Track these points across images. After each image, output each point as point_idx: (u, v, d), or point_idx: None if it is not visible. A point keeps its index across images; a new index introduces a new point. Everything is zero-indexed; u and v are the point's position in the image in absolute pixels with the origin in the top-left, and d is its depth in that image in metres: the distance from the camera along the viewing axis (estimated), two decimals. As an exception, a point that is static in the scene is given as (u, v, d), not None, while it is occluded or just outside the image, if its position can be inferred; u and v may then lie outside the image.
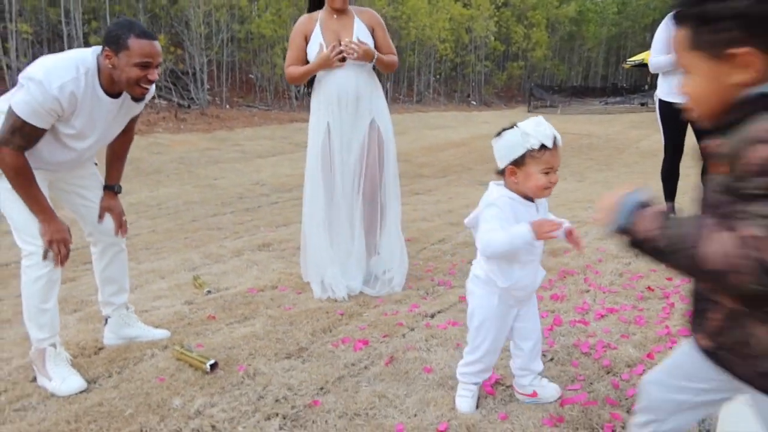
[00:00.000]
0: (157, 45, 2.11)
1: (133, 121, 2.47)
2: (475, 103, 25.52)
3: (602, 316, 2.49)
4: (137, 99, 2.26)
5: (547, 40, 29.72)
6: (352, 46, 2.91)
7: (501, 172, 1.76)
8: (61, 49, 13.11)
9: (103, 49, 2.10)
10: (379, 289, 3.11)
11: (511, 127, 1.75)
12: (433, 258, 3.78)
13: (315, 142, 3.14)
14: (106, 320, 2.65)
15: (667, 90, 4.11)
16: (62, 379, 2.20)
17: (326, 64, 2.94)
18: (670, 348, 2.18)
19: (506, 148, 1.72)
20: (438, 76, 25.14)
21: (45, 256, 2.18)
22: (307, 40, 3.05)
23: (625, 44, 40.74)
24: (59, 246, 2.17)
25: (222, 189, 7.87)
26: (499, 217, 1.70)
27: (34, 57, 13.34)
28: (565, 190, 6.95)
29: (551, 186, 1.69)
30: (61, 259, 2.21)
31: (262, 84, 17.42)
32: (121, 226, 2.54)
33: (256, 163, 9.61)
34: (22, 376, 2.36)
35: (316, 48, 3.01)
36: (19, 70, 12.11)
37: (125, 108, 2.30)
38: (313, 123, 3.15)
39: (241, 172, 9.07)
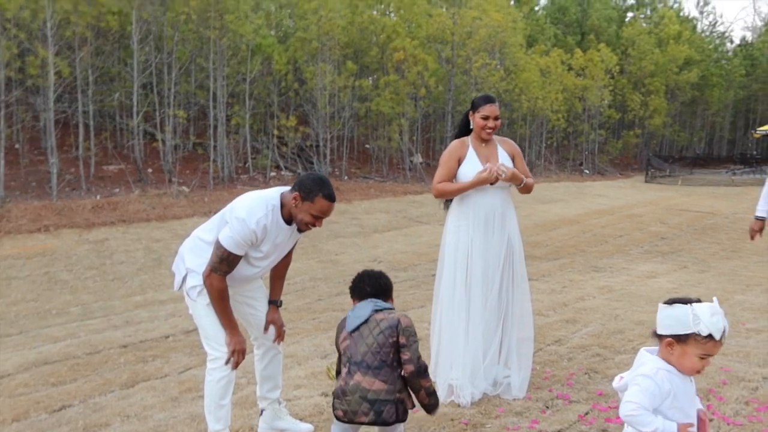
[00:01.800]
0: (333, 206, 2.61)
1: (293, 247, 2.96)
2: (588, 172, 25.08)
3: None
4: (299, 230, 2.76)
5: (666, 106, 28.81)
6: (503, 168, 3.27)
7: (658, 336, 1.83)
8: (207, 128, 14.74)
9: (293, 190, 2.61)
10: (501, 392, 3.33)
11: (685, 301, 1.79)
12: (549, 363, 3.92)
13: (456, 251, 3.40)
14: (262, 412, 3.06)
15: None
16: None
17: (482, 182, 3.29)
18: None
19: (674, 321, 1.77)
20: (549, 144, 25.08)
21: (227, 362, 2.65)
22: (459, 162, 3.42)
23: (755, 107, 38.44)
24: (239, 355, 2.65)
25: (343, 265, 8.42)
26: (653, 393, 1.75)
27: (184, 134, 15.10)
28: (687, 283, 6.76)
29: (703, 370, 1.80)
30: (237, 364, 2.68)
31: (378, 156, 18.37)
32: (280, 335, 2.99)
33: (373, 238, 10.16)
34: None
35: (471, 168, 3.38)
36: (175, 147, 13.81)
37: (295, 233, 2.79)
38: (453, 235, 3.43)
39: (359, 248, 9.62)
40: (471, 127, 3.47)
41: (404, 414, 2.22)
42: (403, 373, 2.22)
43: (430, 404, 2.30)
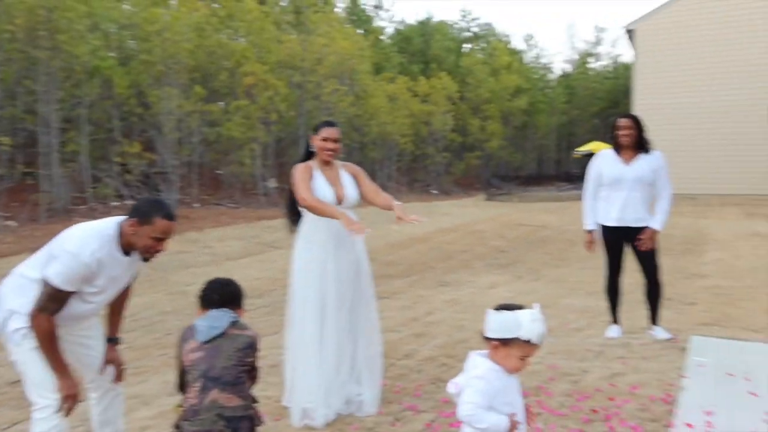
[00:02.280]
0: (175, 225, 2.53)
1: (132, 280, 2.81)
2: (435, 191, 26.50)
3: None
4: (145, 259, 2.63)
5: (501, 130, 31.45)
6: (368, 231, 3.22)
7: (486, 339, 1.99)
8: (37, 156, 13.41)
9: (129, 218, 2.49)
10: (354, 410, 3.42)
11: (511, 308, 1.98)
12: (400, 377, 4.09)
13: (307, 273, 3.44)
14: None
15: (604, 215, 4.67)
16: None
17: (346, 225, 3.17)
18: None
19: (500, 326, 1.95)
20: (399, 166, 26.20)
21: (59, 409, 2.44)
22: (310, 180, 3.49)
23: (575, 131, 43.27)
24: (72, 400, 2.45)
25: (193, 297, 8.03)
26: (487, 392, 1.92)
27: (10, 162, 13.61)
28: (522, 292, 7.41)
29: (523, 368, 2.01)
30: (70, 410, 2.48)
31: (230, 181, 17.94)
32: (119, 375, 2.82)
33: (226, 266, 9.86)
34: None
35: (320, 191, 3.44)
36: (1, 178, 12.35)
37: (133, 265, 2.66)
38: (304, 257, 3.47)
39: (212, 277, 9.27)
40: (313, 149, 3.57)
41: (255, 428, 2.22)
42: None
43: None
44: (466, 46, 39.84)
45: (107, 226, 2.52)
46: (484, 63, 32.96)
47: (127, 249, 2.55)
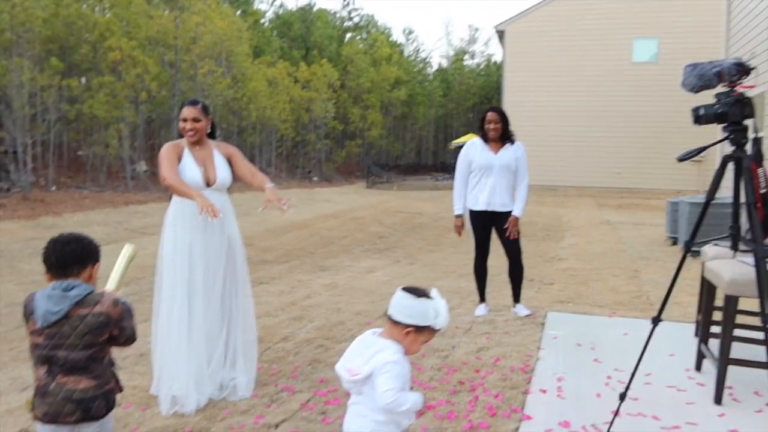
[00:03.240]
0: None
1: None
2: (316, 178, 26.42)
3: (421, 413, 2.95)
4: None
5: (382, 120, 31.98)
6: (220, 215, 3.15)
7: (393, 322, 1.95)
8: None
9: None
10: (228, 395, 3.33)
11: (419, 293, 1.97)
12: (277, 359, 4.05)
13: (174, 257, 3.31)
14: None
15: (473, 200, 4.93)
16: None
17: (201, 205, 3.07)
18: (471, 439, 2.68)
19: (417, 313, 1.93)
20: (280, 152, 25.78)
21: None
22: (179, 159, 3.33)
23: (451, 123, 45.07)
24: None
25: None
26: (404, 376, 1.91)
27: None
28: (399, 274, 7.63)
29: (418, 352, 2.05)
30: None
31: (94, 164, 16.64)
32: None
33: (88, 253, 9.18)
34: None
35: (189, 171, 3.31)
36: None
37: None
38: (171, 240, 3.34)
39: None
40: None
41: (113, 403, 2.07)
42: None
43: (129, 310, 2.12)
44: (348, 35, 39.97)
45: None
46: (365, 53, 33.26)
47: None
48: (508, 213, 4.87)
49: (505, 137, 4.90)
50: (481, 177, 4.89)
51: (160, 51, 18.32)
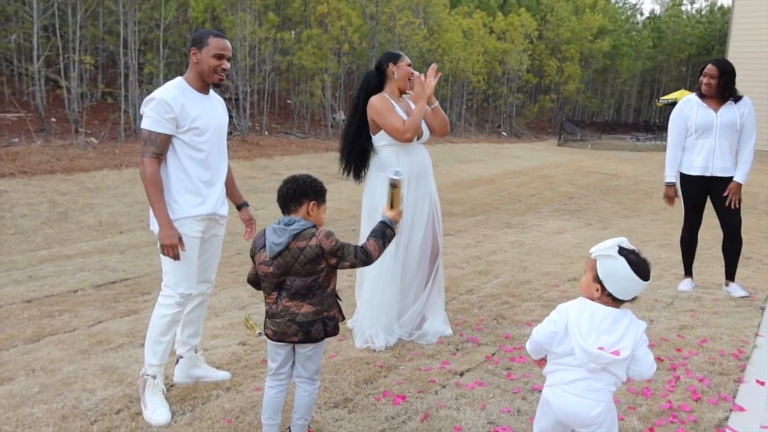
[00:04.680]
0: (228, 44, 2.76)
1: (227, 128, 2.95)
2: (505, 134, 25.83)
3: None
4: (216, 85, 2.79)
5: (580, 73, 29.96)
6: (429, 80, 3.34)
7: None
8: (117, 76, 13.88)
9: (190, 50, 2.74)
10: (416, 338, 3.48)
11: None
12: (461, 310, 4.11)
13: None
14: (178, 360, 3.04)
15: (688, 164, 4.42)
16: (154, 409, 2.64)
17: (425, 95, 3.31)
18: (671, 423, 2.47)
19: (626, 281, 1.82)
20: (470, 105, 25.57)
21: (163, 252, 2.65)
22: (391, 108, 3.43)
23: (659, 78, 40.73)
24: (169, 250, 2.64)
25: (263, 221, 8.31)
26: None
27: (92, 82, 14.16)
28: (590, 239, 7.22)
29: None
30: (176, 257, 2.66)
31: (300, 111, 18.05)
32: (251, 232, 3.03)
33: (293, 194, 10.09)
34: (108, 408, 2.76)
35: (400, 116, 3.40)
36: (82, 96, 12.90)
37: (219, 104, 2.87)
38: (380, 192, 3.38)
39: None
40: (391, 78, 3.48)
41: (334, 329, 2.28)
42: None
43: (389, 237, 2.30)
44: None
45: (175, 79, 2.77)
46: (567, 0, 31.12)
47: (201, 86, 2.74)
48: (729, 179, 4.30)
49: (725, 94, 4.27)
50: (698, 138, 4.34)
51: (362, 3, 18.99)
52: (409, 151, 3.44)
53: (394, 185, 2.34)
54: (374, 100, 3.43)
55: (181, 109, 2.64)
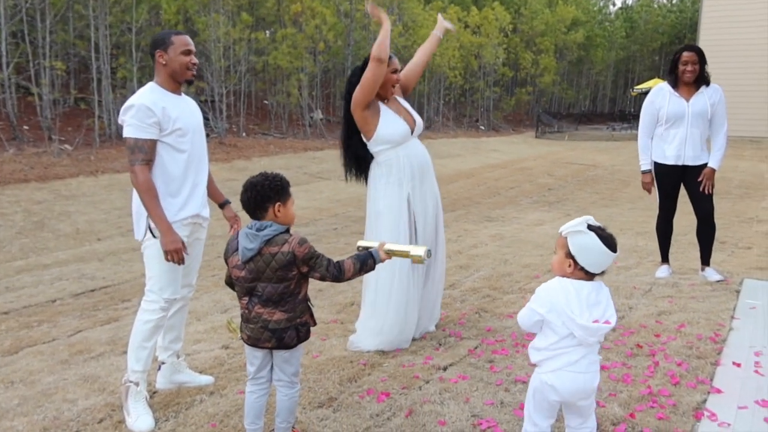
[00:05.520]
0: (188, 37, 2.78)
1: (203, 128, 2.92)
2: (483, 128, 25.96)
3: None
4: (189, 82, 2.78)
5: (555, 65, 30.22)
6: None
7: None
8: (90, 81, 13.66)
9: (155, 55, 2.71)
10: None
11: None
12: (444, 305, 4.12)
13: (392, 211, 3.29)
14: (160, 366, 3.01)
15: (660, 153, 4.48)
16: (137, 416, 2.62)
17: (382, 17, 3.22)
18: (651, 408, 2.52)
19: (597, 255, 1.89)
20: (447, 100, 25.64)
21: (167, 257, 2.62)
22: (377, 114, 3.32)
23: (633, 68, 41.26)
24: (174, 255, 2.61)
25: (243, 222, 8.29)
26: None
27: (64, 88, 13.92)
28: (569, 229, 7.30)
29: None
30: (180, 261, 2.65)
31: (277, 111, 17.96)
32: (236, 228, 2.99)
33: (273, 195, 10.04)
34: (90, 417, 2.73)
35: (393, 122, 3.32)
36: (54, 102, 12.67)
37: (193, 105, 2.86)
38: (382, 191, 3.32)
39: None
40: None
41: (306, 334, 2.27)
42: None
43: (368, 267, 2.28)
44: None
45: (146, 85, 2.75)
46: (540, -7, 31.35)
47: (174, 87, 2.74)
48: (701, 166, 4.37)
49: (700, 80, 4.34)
50: (670, 127, 4.40)
51: (336, 1, 18.93)
52: (407, 148, 3.34)
53: (414, 257, 2.35)
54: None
55: (162, 111, 2.63)
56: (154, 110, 2.60)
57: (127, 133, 2.61)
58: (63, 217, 8.32)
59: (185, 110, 2.76)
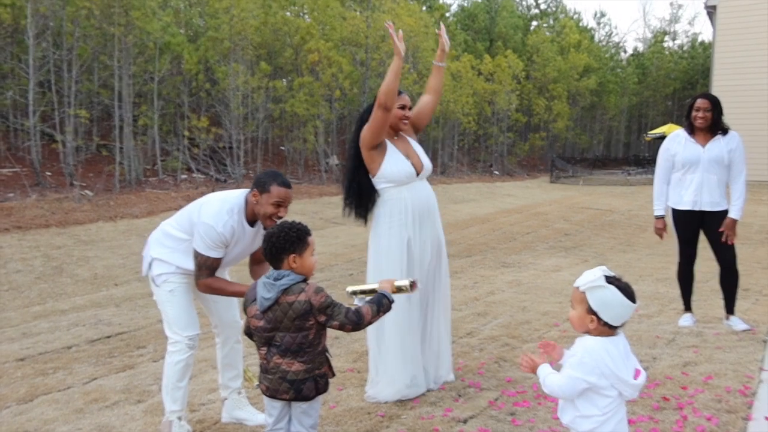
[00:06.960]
0: (290, 192, 2.76)
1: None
2: (497, 173, 26.05)
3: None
4: (266, 227, 2.82)
5: (568, 111, 30.46)
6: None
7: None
8: (112, 129, 14.01)
9: (251, 190, 2.80)
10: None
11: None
12: (462, 354, 4.06)
13: (393, 253, 3.29)
14: (224, 401, 3.14)
15: (677, 199, 4.46)
16: None
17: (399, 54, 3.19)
18: (680, 463, 2.42)
19: (620, 308, 1.86)
20: (461, 146, 25.86)
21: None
22: (383, 152, 3.36)
23: (646, 113, 41.44)
24: None
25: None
26: None
27: (87, 135, 14.27)
28: (588, 276, 7.20)
29: None
30: None
31: (294, 158, 18.21)
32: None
33: (289, 240, 10.06)
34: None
35: (397, 162, 3.35)
36: (77, 149, 12.98)
37: (258, 236, 2.88)
38: (385, 231, 3.32)
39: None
40: None
41: (325, 386, 2.25)
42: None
43: (385, 307, 2.26)
44: (534, 24, 38.66)
45: (237, 198, 2.82)
46: (552, 41, 31.88)
47: (251, 220, 2.83)
48: (719, 213, 4.33)
49: (715, 127, 4.34)
50: (686, 173, 4.40)
51: (352, 50, 19.40)
52: (412, 189, 3.35)
53: (401, 289, 2.37)
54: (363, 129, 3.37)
55: (232, 236, 2.80)
56: (228, 237, 2.77)
57: (199, 248, 2.76)
58: (81, 262, 8.39)
59: (248, 239, 2.88)
